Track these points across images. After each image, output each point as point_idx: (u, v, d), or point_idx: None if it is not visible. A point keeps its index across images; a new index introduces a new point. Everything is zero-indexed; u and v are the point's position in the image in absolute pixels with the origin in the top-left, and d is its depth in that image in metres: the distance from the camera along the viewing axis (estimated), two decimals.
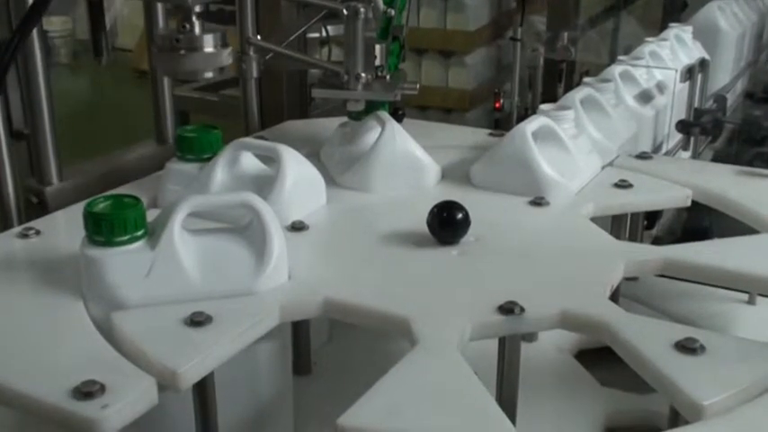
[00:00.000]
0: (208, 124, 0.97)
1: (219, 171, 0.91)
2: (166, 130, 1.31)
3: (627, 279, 1.12)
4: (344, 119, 1.11)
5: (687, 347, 0.65)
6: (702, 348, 0.66)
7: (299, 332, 0.93)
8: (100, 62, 1.23)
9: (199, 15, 0.96)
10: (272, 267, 0.74)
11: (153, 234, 0.72)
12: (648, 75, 1.43)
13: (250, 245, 0.74)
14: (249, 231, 0.75)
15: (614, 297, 0.80)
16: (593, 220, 0.94)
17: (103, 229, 0.70)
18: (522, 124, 0.98)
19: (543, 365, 0.98)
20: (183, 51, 0.95)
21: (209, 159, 0.93)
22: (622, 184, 1.00)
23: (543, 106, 1.06)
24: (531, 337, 1.00)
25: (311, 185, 0.94)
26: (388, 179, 0.99)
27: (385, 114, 1.03)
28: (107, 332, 0.68)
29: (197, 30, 0.96)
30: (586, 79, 1.21)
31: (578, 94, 1.11)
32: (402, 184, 0.99)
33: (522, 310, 0.71)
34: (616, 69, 1.33)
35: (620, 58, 1.48)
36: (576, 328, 0.74)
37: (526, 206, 0.95)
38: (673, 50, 1.57)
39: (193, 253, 0.72)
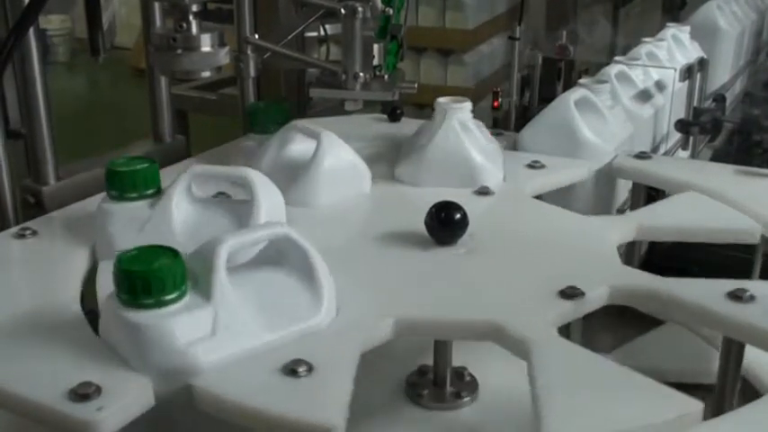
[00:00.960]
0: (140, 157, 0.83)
1: (179, 201, 0.81)
2: (164, 129, 1.31)
3: None
4: (343, 117, 1.11)
5: (739, 296, 0.70)
6: (752, 297, 0.70)
7: None
8: (97, 60, 1.23)
9: (196, 14, 0.96)
10: (328, 300, 0.69)
11: (196, 284, 0.64)
12: (646, 74, 1.43)
13: (298, 279, 0.69)
14: (288, 263, 0.70)
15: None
16: None
17: (151, 288, 0.61)
18: (451, 121, 1.00)
19: None
20: (179, 50, 0.95)
21: (152, 196, 0.81)
22: (535, 165, 1.05)
23: (440, 100, 1.05)
24: None
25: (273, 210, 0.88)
26: (332, 190, 0.95)
27: (309, 124, 0.99)
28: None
29: (194, 29, 0.95)
30: (582, 80, 1.21)
31: (573, 95, 1.11)
32: (343, 193, 0.96)
33: (583, 293, 0.73)
34: (612, 70, 1.32)
35: (617, 58, 1.48)
36: (626, 301, 0.76)
37: (477, 197, 0.97)
38: (670, 51, 1.56)
39: (248, 297, 0.66)
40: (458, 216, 0.83)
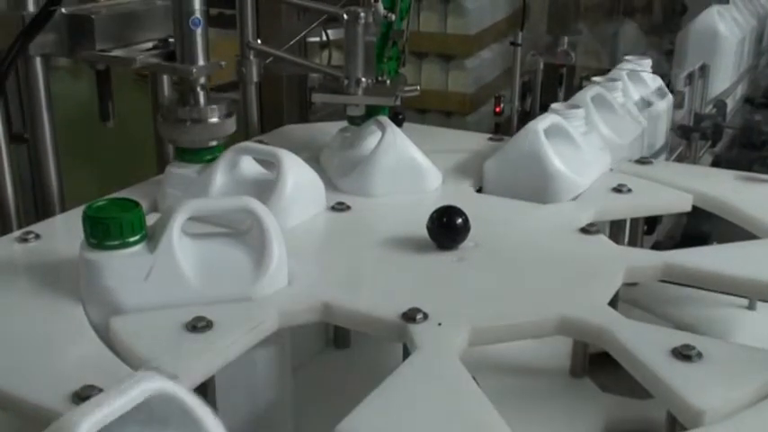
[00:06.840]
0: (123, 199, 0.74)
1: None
2: None
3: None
4: (344, 123, 1.11)
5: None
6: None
7: None
8: (105, 125, 1.24)
9: (203, 86, 0.96)
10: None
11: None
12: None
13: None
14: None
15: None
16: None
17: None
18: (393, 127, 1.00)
19: (543, 370, 0.97)
20: (188, 123, 0.95)
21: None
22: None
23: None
24: None
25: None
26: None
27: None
28: (106, 336, 0.68)
29: (202, 101, 0.96)
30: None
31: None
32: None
33: None
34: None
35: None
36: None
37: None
38: (625, 91, 1.33)
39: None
40: (458, 222, 0.84)
